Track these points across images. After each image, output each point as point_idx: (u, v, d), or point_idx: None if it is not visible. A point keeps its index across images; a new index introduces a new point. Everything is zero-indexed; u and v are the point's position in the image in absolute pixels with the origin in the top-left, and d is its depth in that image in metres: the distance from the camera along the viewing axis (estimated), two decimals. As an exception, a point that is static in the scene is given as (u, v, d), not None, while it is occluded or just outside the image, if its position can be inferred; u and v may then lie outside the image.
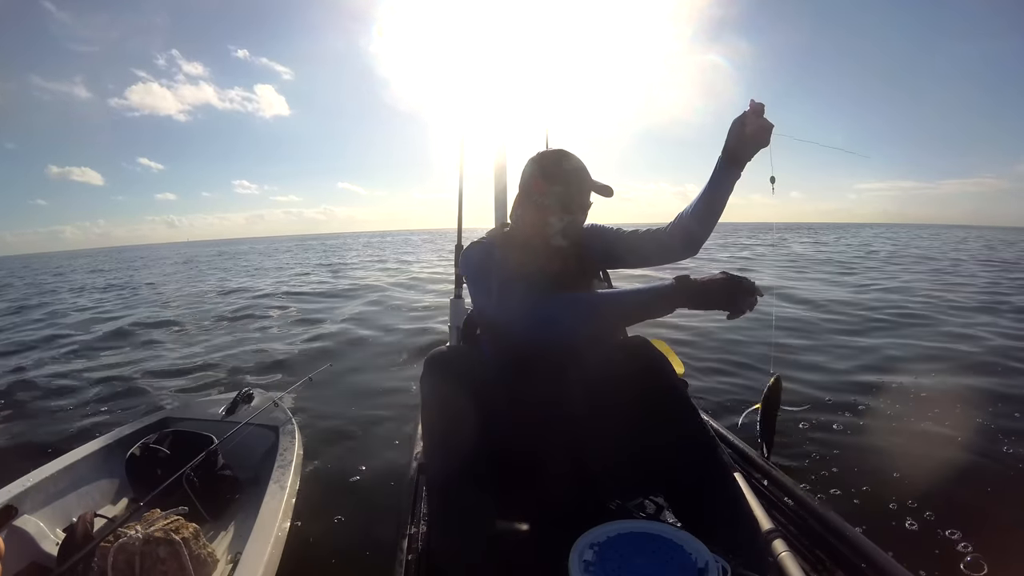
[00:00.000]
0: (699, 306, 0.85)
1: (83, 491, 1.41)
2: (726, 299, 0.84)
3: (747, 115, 0.96)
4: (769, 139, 0.97)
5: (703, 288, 0.85)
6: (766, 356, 3.01)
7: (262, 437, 1.62)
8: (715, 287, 0.84)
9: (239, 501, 1.46)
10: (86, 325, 5.64)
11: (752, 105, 0.96)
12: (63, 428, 2.47)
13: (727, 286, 0.83)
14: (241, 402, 1.80)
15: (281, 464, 1.41)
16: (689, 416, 0.96)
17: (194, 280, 9.85)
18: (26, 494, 1.26)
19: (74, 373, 3.55)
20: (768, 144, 0.98)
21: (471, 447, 0.90)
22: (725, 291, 0.83)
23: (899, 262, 10.65)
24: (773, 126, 0.96)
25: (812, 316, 4.50)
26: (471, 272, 1.12)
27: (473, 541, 0.86)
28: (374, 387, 2.88)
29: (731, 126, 0.98)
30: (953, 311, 4.71)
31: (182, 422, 1.72)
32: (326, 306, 6.13)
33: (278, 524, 1.17)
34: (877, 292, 6.06)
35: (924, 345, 3.47)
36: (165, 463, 1.44)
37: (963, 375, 2.80)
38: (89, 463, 1.46)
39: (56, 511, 1.31)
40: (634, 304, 0.92)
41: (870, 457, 1.83)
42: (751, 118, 0.95)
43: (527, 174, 1.12)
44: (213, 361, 3.70)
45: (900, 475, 1.66)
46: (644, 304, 0.91)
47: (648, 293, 0.90)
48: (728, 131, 0.99)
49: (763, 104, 0.96)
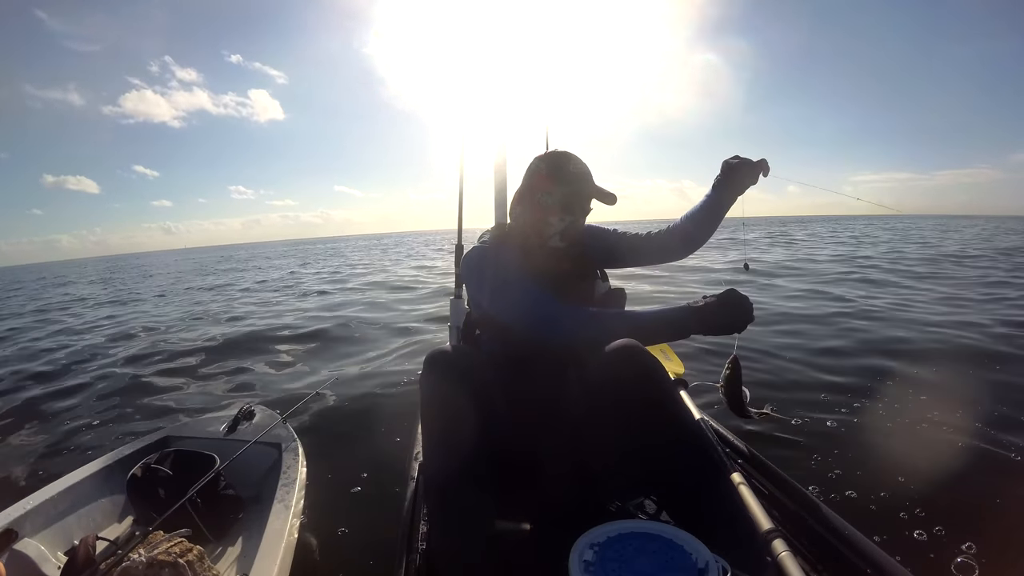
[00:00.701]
0: (711, 330, 0.90)
1: (84, 513, 1.39)
2: (734, 316, 0.89)
3: (758, 166, 1.12)
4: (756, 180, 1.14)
5: (713, 311, 0.89)
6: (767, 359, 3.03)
7: (264, 455, 1.61)
8: (724, 310, 0.89)
9: (242, 521, 1.45)
10: (85, 339, 5.60)
11: (763, 165, 1.13)
12: (63, 447, 2.45)
13: (733, 303, 0.89)
14: (242, 419, 1.79)
15: (285, 483, 1.40)
16: (688, 416, 0.97)
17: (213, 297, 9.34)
18: (26, 517, 1.25)
19: (74, 390, 3.53)
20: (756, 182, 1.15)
21: (471, 447, 0.90)
22: (734, 309, 0.89)
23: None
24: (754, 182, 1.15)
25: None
26: (470, 275, 1.14)
27: (473, 541, 0.86)
28: (380, 394, 2.86)
29: (737, 167, 1.13)
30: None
31: (183, 440, 1.71)
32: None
33: (284, 544, 1.16)
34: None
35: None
36: (167, 483, 1.43)
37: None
38: (90, 484, 1.45)
39: (57, 534, 1.30)
40: (646, 326, 0.95)
41: (871, 456, 1.83)
42: (754, 172, 1.12)
43: (532, 172, 1.15)
44: (218, 376, 3.69)
45: (901, 474, 1.66)
46: (655, 329, 0.96)
47: (660, 318, 0.94)
48: (732, 168, 1.14)
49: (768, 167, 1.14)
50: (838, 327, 3.95)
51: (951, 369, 2.84)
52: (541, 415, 1.03)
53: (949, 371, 2.81)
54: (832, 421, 2.18)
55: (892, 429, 2.11)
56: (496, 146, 1.80)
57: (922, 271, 7.50)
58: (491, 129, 1.82)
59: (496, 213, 1.82)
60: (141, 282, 12.60)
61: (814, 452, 1.90)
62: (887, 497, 1.56)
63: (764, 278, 6.96)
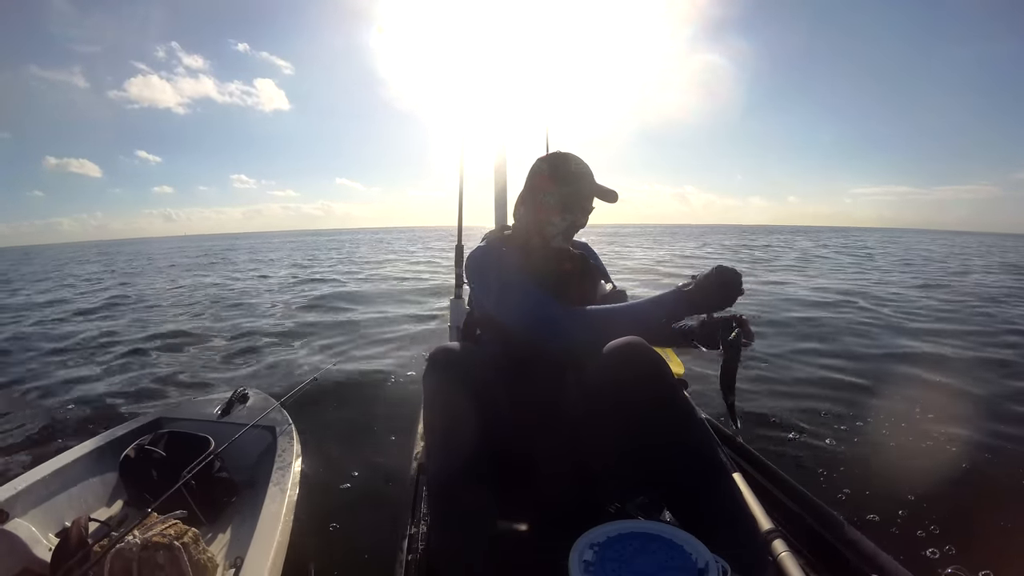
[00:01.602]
0: (701, 308, 0.90)
1: (76, 494, 1.38)
2: (722, 293, 0.87)
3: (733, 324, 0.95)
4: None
5: (702, 290, 0.88)
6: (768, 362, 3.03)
7: (259, 438, 1.60)
8: (710, 283, 0.88)
9: (236, 504, 1.44)
10: (82, 322, 5.58)
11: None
12: (54, 428, 2.44)
13: (722, 278, 0.87)
14: (236, 402, 1.78)
15: (280, 466, 1.39)
16: (688, 416, 0.96)
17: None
18: (17, 497, 1.23)
19: (67, 370, 3.52)
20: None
21: (473, 446, 0.89)
22: (721, 286, 0.87)
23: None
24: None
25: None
26: (473, 275, 1.13)
27: (474, 541, 0.85)
28: (376, 386, 2.86)
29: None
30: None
31: (176, 422, 1.70)
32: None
33: (280, 529, 1.15)
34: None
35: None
36: (160, 465, 1.42)
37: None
38: (82, 465, 1.44)
39: (49, 515, 1.28)
40: (636, 316, 0.95)
41: (871, 456, 1.84)
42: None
43: (534, 173, 1.16)
44: (215, 361, 3.67)
45: (902, 473, 1.67)
46: (646, 317, 0.95)
47: (649, 305, 0.94)
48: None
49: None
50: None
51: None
52: (541, 415, 1.03)
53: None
54: (832, 419, 2.18)
55: (892, 429, 2.11)
56: (496, 147, 1.81)
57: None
58: (491, 130, 1.83)
59: (496, 213, 1.81)
60: (154, 273, 12.40)
61: (815, 452, 1.90)
62: (887, 497, 1.56)
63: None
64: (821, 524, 1.02)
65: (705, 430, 0.97)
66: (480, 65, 1.92)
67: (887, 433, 2.08)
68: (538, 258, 1.12)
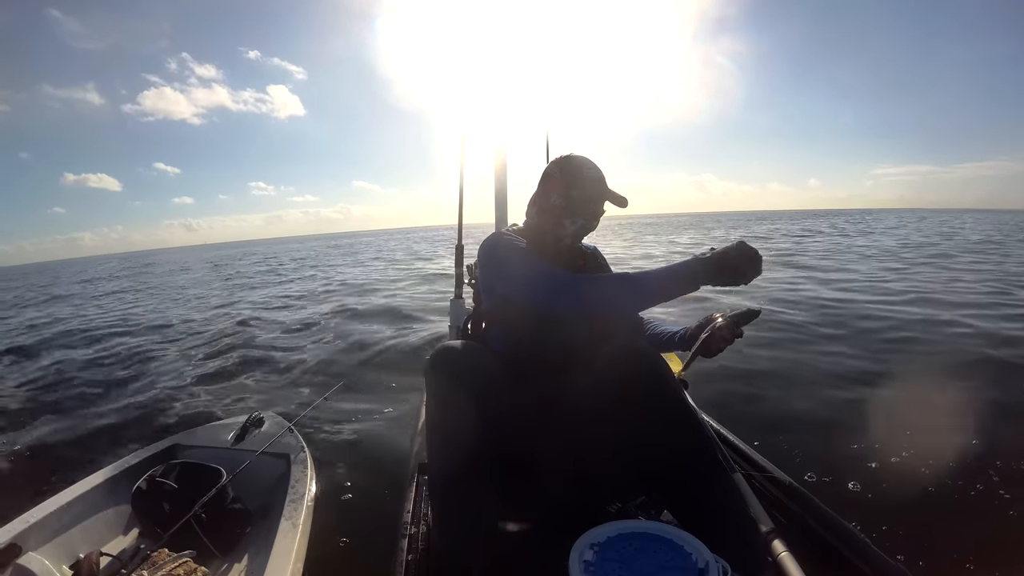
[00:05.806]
0: (719, 279, 0.85)
1: (89, 526, 1.36)
2: (744, 266, 0.83)
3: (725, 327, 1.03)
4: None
5: (723, 258, 0.84)
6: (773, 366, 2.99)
7: (273, 465, 1.57)
8: (733, 253, 0.84)
9: (250, 535, 1.40)
10: (99, 341, 5.47)
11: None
12: (68, 455, 2.39)
13: (745, 252, 0.83)
14: (251, 427, 1.74)
15: (293, 497, 1.36)
16: (689, 416, 0.96)
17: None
18: (30, 531, 1.22)
19: (81, 394, 3.47)
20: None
21: (475, 445, 0.90)
22: (745, 258, 0.83)
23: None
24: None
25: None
26: (483, 257, 1.13)
27: (476, 541, 0.86)
28: (388, 401, 2.80)
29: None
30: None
31: (190, 450, 1.67)
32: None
33: (292, 560, 1.12)
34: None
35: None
36: (172, 497, 1.39)
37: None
38: (94, 496, 1.42)
39: (61, 548, 1.27)
40: (656, 282, 0.91)
41: (871, 456, 1.83)
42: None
43: (546, 176, 1.17)
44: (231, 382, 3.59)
45: (901, 474, 1.66)
46: (664, 285, 0.90)
47: (669, 272, 0.90)
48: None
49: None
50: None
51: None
52: (543, 415, 1.04)
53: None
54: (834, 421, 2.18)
55: (894, 430, 2.10)
56: (497, 146, 1.82)
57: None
58: (493, 129, 1.84)
59: (496, 212, 1.81)
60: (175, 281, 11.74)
61: (814, 452, 1.89)
62: (887, 497, 1.56)
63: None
64: (821, 524, 1.03)
65: (705, 430, 0.98)
66: (480, 65, 1.93)
67: (892, 430, 2.08)
68: (550, 255, 1.13)
